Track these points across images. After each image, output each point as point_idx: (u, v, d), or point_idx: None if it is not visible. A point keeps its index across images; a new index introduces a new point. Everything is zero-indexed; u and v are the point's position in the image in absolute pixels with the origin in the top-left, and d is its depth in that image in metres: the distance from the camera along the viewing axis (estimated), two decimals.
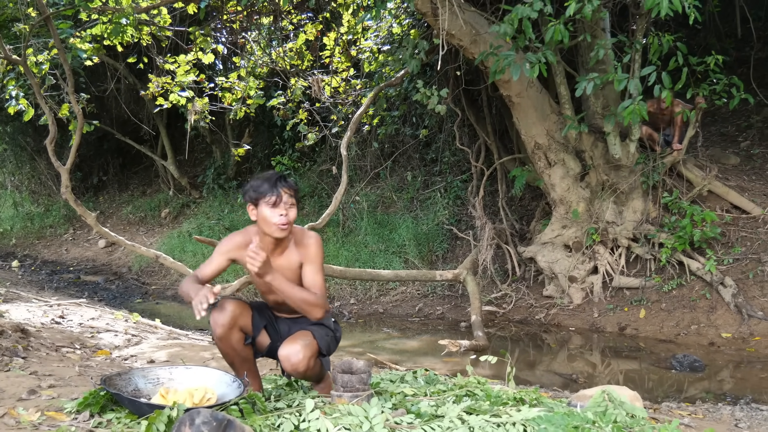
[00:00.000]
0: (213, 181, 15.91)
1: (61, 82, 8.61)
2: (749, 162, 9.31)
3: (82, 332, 6.49)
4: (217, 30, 12.22)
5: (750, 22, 9.77)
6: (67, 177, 7.62)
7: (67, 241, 16.95)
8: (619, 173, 8.39)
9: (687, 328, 7.48)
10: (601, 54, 7.06)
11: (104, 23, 8.28)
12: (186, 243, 13.10)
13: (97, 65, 11.28)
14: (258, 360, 3.82)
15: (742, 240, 8.05)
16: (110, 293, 11.64)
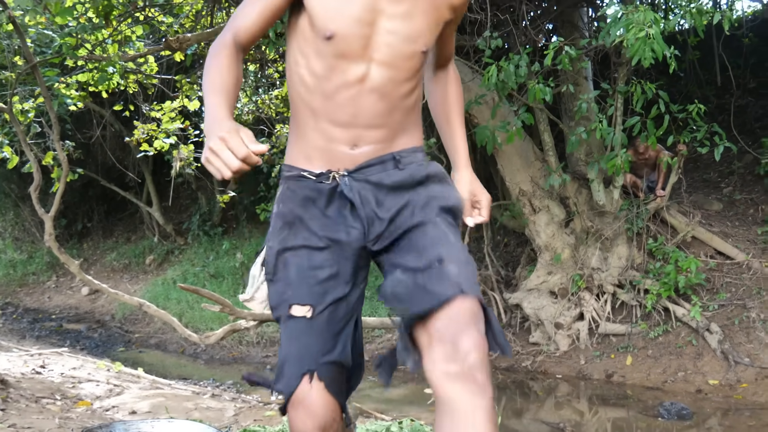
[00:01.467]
0: (198, 228, 15.85)
1: (46, 129, 8.62)
2: (732, 208, 9.38)
3: (63, 382, 6.40)
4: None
5: (729, 70, 9.93)
6: (51, 225, 7.58)
7: (50, 288, 16.78)
8: (603, 219, 8.43)
9: (674, 375, 7.46)
10: (584, 108, 7.15)
11: (90, 71, 8.31)
12: (170, 290, 13.01)
13: (83, 112, 11.31)
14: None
15: (726, 286, 8.07)
16: (93, 342, 11.51)
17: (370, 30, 1.85)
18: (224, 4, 8.94)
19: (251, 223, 15.12)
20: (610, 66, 8.51)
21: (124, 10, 8.26)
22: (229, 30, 1.87)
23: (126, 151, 15.91)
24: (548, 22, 9.49)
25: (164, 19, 9.18)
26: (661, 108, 7.02)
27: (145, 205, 17.02)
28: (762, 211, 9.08)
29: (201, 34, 7.86)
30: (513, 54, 6.77)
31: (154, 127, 9.34)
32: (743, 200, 9.48)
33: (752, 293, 7.84)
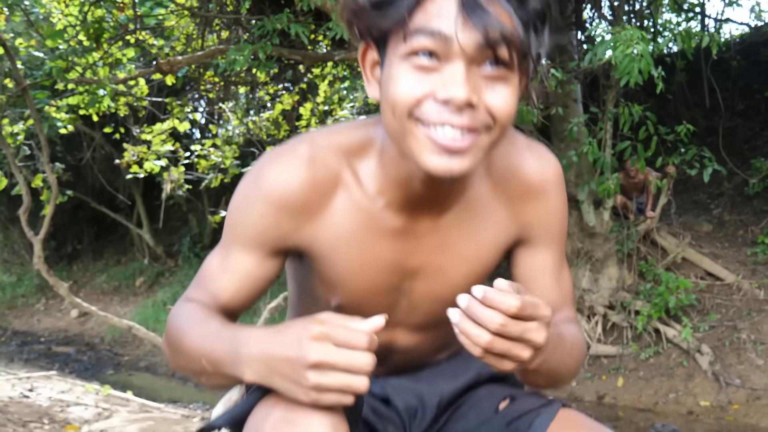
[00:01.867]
0: (189, 250, 15.81)
1: (36, 151, 8.60)
2: (722, 229, 9.41)
3: (51, 406, 6.34)
4: (195, 100, 12.32)
5: (718, 92, 10.00)
6: (40, 247, 7.54)
7: (39, 311, 16.68)
8: (593, 241, 8.45)
9: (665, 396, 7.45)
10: (575, 132, 7.19)
11: (81, 93, 8.32)
12: (160, 312, 12.94)
13: (73, 134, 11.31)
14: None
15: (717, 307, 8.08)
16: (82, 365, 11.43)
17: (395, 296, 1.38)
18: (215, 27, 8.97)
19: None
20: (599, 88, 8.56)
21: (115, 32, 8.29)
22: (203, 293, 1.35)
23: (116, 173, 15.89)
24: None
25: (155, 42, 9.20)
26: (650, 130, 7.06)
27: (136, 227, 16.98)
28: (751, 232, 9.12)
29: (192, 57, 7.88)
30: None
31: (144, 149, 9.33)
32: (733, 221, 9.52)
33: (743, 314, 7.85)
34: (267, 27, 6.47)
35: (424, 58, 1.08)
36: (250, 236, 1.30)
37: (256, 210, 1.29)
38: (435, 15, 1.07)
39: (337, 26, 6.00)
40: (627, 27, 6.03)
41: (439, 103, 1.07)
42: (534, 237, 1.40)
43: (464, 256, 1.36)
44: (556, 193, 1.38)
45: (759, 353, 7.38)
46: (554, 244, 1.42)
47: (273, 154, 1.33)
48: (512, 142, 1.35)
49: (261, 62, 6.83)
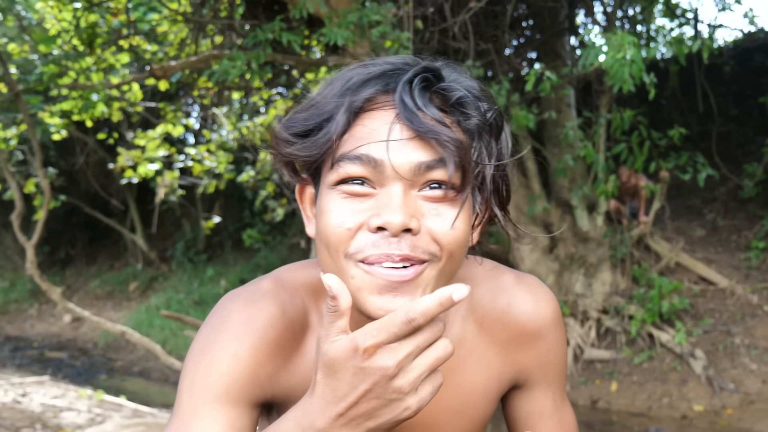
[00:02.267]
0: (182, 255, 15.79)
1: (29, 156, 8.59)
2: (715, 234, 9.43)
3: (43, 411, 6.33)
4: (189, 105, 12.31)
5: (711, 98, 10.02)
6: (33, 252, 7.53)
7: (32, 316, 16.64)
8: (587, 246, 8.46)
9: (659, 401, 7.45)
10: (570, 136, 7.21)
11: (74, 99, 8.31)
12: (154, 318, 12.91)
13: (67, 139, 11.29)
14: None
15: (710, 312, 8.10)
16: (75, 370, 11.40)
17: None
18: (209, 32, 8.96)
19: (236, 250, 15.07)
20: (592, 94, 8.59)
21: (108, 38, 8.28)
22: None
23: (110, 178, 15.89)
24: (531, 50, 9.56)
25: (149, 47, 9.19)
26: (642, 134, 7.09)
27: (129, 232, 16.96)
28: (745, 237, 9.14)
29: (185, 62, 7.88)
30: (494, 83, 6.82)
31: (138, 154, 9.32)
32: (726, 226, 9.54)
33: (736, 319, 7.86)
34: (259, 37, 6.46)
35: (355, 185, 0.98)
36: (222, 388, 1.08)
37: (227, 353, 1.09)
38: (364, 138, 0.98)
39: (331, 32, 5.99)
40: (619, 33, 6.04)
41: (374, 233, 0.96)
42: (531, 381, 1.27)
43: (453, 409, 1.21)
44: (554, 333, 1.25)
45: (752, 358, 7.39)
46: (553, 385, 1.29)
47: (234, 294, 1.19)
48: (496, 278, 1.24)
49: (254, 71, 6.82)
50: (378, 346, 0.86)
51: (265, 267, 13.32)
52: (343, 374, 0.88)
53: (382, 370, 0.86)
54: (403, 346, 0.87)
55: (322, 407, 0.90)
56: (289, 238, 13.85)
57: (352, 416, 0.89)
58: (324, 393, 0.90)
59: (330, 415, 0.90)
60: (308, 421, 0.91)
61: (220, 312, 1.16)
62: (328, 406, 0.89)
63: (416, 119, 0.96)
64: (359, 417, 0.89)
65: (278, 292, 1.17)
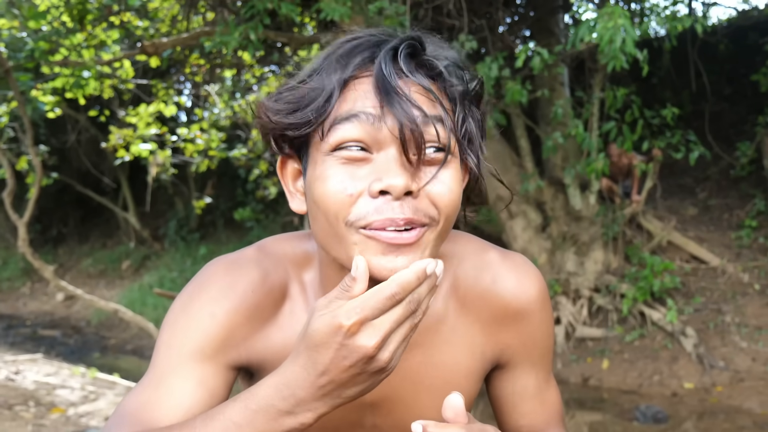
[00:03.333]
0: (175, 233, 15.77)
1: (20, 134, 8.54)
2: (707, 213, 9.45)
3: (37, 389, 6.33)
4: (180, 82, 12.24)
5: (704, 76, 10.01)
6: (25, 230, 7.50)
7: (25, 294, 16.63)
8: (579, 224, 8.47)
9: (650, 378, 7.50)
10: (560, 113, 7.20)
11: (66, 76, 8.25)
12: (147, 296, 12.92)
13: (58, 117, 11.23)
14: None
15: (701, 290, 8.13)
16: (68, 348, 11.40)
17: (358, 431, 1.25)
18: (201, 9, 8.90)
19: (228, 228, 15.06)
20: (585, 73, 8.57)
21: (99, 14, 8.21)
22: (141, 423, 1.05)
23: (102, 156, 15.82)
24: (525, 28, 9.53)
25: (140, 24, 9.12)
26: (635, 113, 7.08)
27: (122, 210, 16.93)
28: (737, 216, 9.17)
29: (177, 39, 7.83)
30: (487, 58, 6.79)
31: (130, 132, 9.28)
32: (718, 205, 9.56)
33: (727, 297, 7.90)
34: (257, 7, 6.41)
35: (352, 150, 0.97)
36: (198, 345, 1.10)
37: (204, 312, 1.12)
38: (358, 99, 0.98)
39: (328, 7, 5.96)
40: (608, 6, 6.01)
41: (375, 198, 0.96)
42: (514, 360, 1.25)
43: (432, 385, 1.20)
44: (539, 313, 1.23)
45: (743, 336, 7.44)
46: (537, 365, 1.26)
47: (218, 259, 1.21)
48: (481, 256, 1.22)
49: (254, 43, 6.76)
50: (361, 323, 0.87)
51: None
52: (326, 350, 0.89)
53: (365, 349, 0.87)
54: (384, 323, 0.88)
55: (304, 378, 0.91)
56: (281, 216, 13.84)
57: (332, 388, 0.91)
58: (306, 365, 0.91)
59: (311, 387, 0.91)
60: (289, 389, 0.92)
61: (202, 275, 1.18)
62: (310, 377, 0.90)
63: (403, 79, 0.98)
64: (339, 388, 0.91)
65: (262, 260, 1.18)
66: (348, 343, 0.87)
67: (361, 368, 0.89)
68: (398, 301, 0.88)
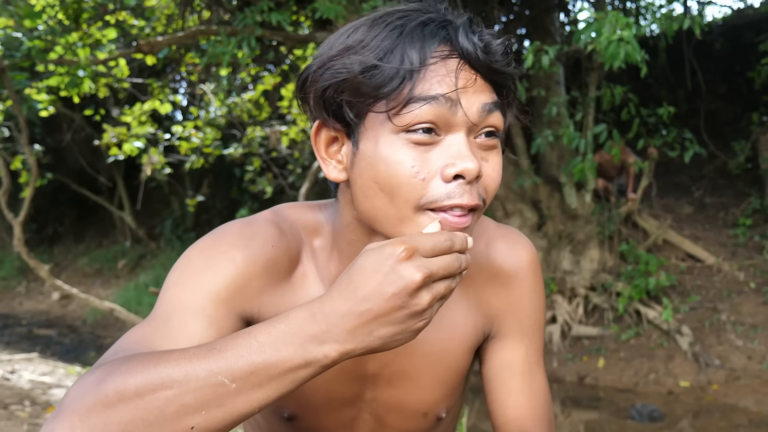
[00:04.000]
0: (171, 232, 15.75)
1: (15, 133, 8.52)
2: (702, 211, 9.47)
3: (32, 388, 6.32)
4: (176, 81, 12.22)
5: (699, 74, 10.02)
6: (20, 229, 7.49)
7: (20, 293, 16.59)
8: (575, 223, 8.48)
9: (645, 377, 7.51)
10: (554, 112, 7.20)
11: (61, 75, 8.23)
12: (142, 295, 12.90)
13: (53, 116, 11.21)
14: None
15: (697, 289, 8.14)
16: (64, 347, 11.39)
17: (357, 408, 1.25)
18: (197, 8, 8.89)
19: None
20: (581, 71, 8.57)
21: (94, 12, 8.19)
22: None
23: (97, 155, 15.80)
24: (520, 27, 9.53)
25: (135, 22, 9.11)
26: (631, 111, 7.09)
27: (117, 209, 16.90)
28: (732, 214, 9.18)
29: (172, 38, 7.81)
30: None
31: (124, 131, 9.27)
32: (713, 204, 9.57)
33: (722, 296, 7.91)
34: (248, 19, 6.42)
35: (423, 133, 0.96)
36: (215, 288, 1.06)
37: (224, 256, 1.09)
38: (436, 81, 0.96)
39: (323, 7, 5.95)
40: (611, 12, 6.01)
41: (449, 182, 0.97)
42: (503, 329, 1.24)
43: (431, 355, 1.20)
44: (528, 279, 1.23)
45: (738, 334, 7.45)
46: (527, 339, 1.24)
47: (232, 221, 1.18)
48: (479, 227, 1.24)
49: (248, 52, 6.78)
50: (414, 252, 0.87)
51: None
52: (373, 273, 0.87)
53: (411, 278, 0.85)
54: (434, 263, 0.87)
55: (342, 302, 0.88)
56: None
57: (368, 318, 0.87)
58: (347, 289, 0.88)
59: (348, 313, 0.87)
60: (323, 314, 0.88)
61: (219, 229, 1.16)
62: (349, 302, 0.87)
63: (480, 64, 0.98)
64: (375, 321, 0.87)
65: (278, 221, 1.17)
66: (398, 268, 0.86)
67: (402, 301, 0.86)
68: (450, 251, 0.89)
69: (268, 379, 0.86)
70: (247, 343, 0.87)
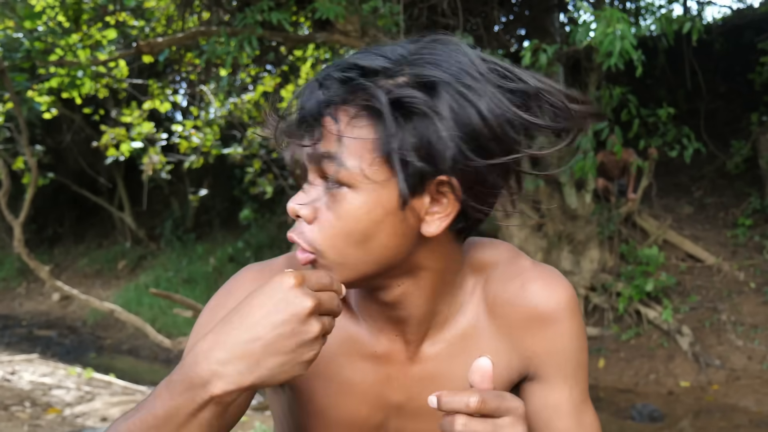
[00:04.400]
0: (171, 233, 15.75)
1: (15, 134, 8.53)
2: (702, 211, 9.47)
3: (33, 389, 6.33)
4: (176, 82, 12.22)
5: (699, 74, 10.02)
6: (20, 230, 7.49)
7: (21, 294, 16.59)
8: (575, 223, 8.48)
9: (646, 377, 7.51)
10: None
11: (61, 76, 8.24)
12: (143, 296, 12.90)
13: (54, 117, 11.22)
14: None
15: (697, 289, 8.15)
16: (64, 348, 11.39)
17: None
18: (196, 9, 8.89)
19: (225, 228, 15.05)
20: (581, 72, 8.57)
21: (94, 13, 8.20)
22: None
23: (97, 155, 15.77)
24: (520, 27, 9.54)
25: (135, 23, 9.12)
26: (631, 111, 7.09)
27: (117, 210, 16.90)
28: (732, 214, 9.18)
29: (172, 39, 7.82)
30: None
31: (123, 131, 9.27)
32: (713, 204, 9.57)
33: (723, 296, 7.92)
34: (248, 19, 6.43)
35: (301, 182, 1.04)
36: None
37: (227, 309, 1.07)
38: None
39: (322, 7, 5.96)
40: (608, 9, 6.02)
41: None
42: (543, 372, 1.19)
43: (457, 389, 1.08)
44: (566, 320, 1.17)
45: (738, 334, 7.46)
46: (571, 380, 1.19)
47: (248, 266, 1.21)
48: (513, 263, 1.19)
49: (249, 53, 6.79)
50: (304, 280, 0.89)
51: (254, 245, 13.31)
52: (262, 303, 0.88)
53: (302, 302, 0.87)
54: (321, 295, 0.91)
55: (226, 337, 0.88)
56: (278, 215, 13.83)
57: (254, 349, 0.87)
58: (232, 321, 0.90)
59: (235, 345, 0.87)
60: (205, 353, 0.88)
61: (233, 278, 1.19)
62: (233, 333, 0.88)
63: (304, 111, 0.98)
64: (261, 352, 0.87)
65: (292, 263, 1.17)
66: (288, 295, 0.87)
67: (292, 328, 0.86)
68: (330, 287, 0.92)
69: (177, 428, 0.88)
70: (153, 398, 0.90)
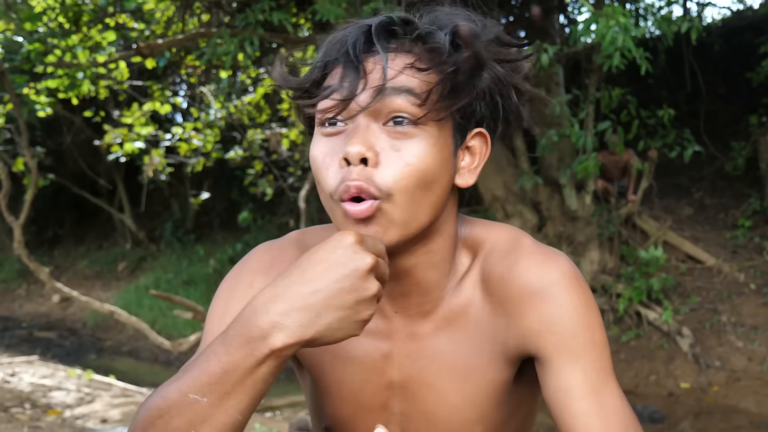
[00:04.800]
0: (171, 234, 15.75)
1: (15, 135, 8.53)
2: (702, 213, 9.47)
3: (33, 391, 6.33)
4: (176, 84, 12.23)
5: (699, 76, 10.02)
6: (20, 232, 7.49)
7: (21, 296, 16.59)
8: (575, 225, 8.48)
9: (646, 378, 7.51)
10: (557, 111, 7.20)
11: (60, 77, 8.24)
12: (143, 297, 12.91)
13: (54, 118, 11.24)
14: None
15: (697, 290, 8.14)
16: (64, 349, 11.39)
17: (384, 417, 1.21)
18: (196, 10, 8.90)
19: (225, 230, 15.05)
20: (581, 73, 8.57)
21: (94, 15, 8.20)
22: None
23: (97, 157, 15.80)
24: (520, 28, 9.53)
25: (135, 25, 9.12)
26: (631, 112, 7.09)
27: (117, 211, 16.90)
28: (732, 215, 9.19)
29: (172, 41, 7.82)
30: None
31: (125, 131, 9.28)
32: (713, 205, 9.58)
33: (723, 297, 7.91)
34: (249, 18, 6.44)
35: (330, 125, 1.00)
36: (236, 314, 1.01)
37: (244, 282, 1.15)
38: (334, 77, 1.00)
39: (323, 9, 5.96)
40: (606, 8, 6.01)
41: (342, 167, 0.97)
42: (546, 351, 1.10)
43: (455, 368, 1.15)
44: (561, 296, 1.10)
45: (739, 335, 7.45)
46: (582, 360, 1.08)
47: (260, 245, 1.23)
48: (513, 245, 1.16)
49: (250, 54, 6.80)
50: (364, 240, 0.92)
51: (254, 246, 13.29)
52: (323, 259, 0.90)
53: (364, 257, 0.90)
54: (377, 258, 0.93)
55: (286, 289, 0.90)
56: (278, 217, 13.83)
57: (315, 301, 0.88)
58: (293, 275, 0.91)
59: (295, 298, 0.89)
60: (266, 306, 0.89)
61: (246, 256, 1.21)
62: (294, 287, 0.90)
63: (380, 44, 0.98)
64: (321, 304, 0.88)
65: (303, 240, 1.20)
66: (349, 251, 0.89)
67: (352, 284, 0.88)
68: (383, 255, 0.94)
69: (233, 386, 0.87)
70: (206, 356, 0.89)
